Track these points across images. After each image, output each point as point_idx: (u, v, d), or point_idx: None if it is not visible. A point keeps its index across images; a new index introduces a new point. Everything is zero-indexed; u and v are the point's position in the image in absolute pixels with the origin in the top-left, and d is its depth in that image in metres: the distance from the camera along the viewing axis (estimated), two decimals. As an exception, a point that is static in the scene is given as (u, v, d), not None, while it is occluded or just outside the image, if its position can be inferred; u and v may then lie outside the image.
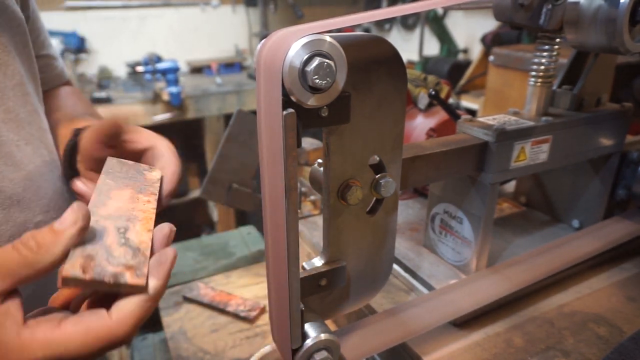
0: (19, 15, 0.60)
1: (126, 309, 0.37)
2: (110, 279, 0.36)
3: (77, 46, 2.98)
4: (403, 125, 0.48)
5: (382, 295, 0.69)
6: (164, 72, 2.62)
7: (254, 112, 0.49)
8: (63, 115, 0.72)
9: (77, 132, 0.58)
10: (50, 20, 2.93)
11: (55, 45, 2.76)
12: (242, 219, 2.88)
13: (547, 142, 0.66)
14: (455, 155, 0.60)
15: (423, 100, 0.90)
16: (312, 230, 0.88)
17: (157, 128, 0.41)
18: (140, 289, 0.37)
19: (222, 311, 0.90)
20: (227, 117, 2.90)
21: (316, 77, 0.37)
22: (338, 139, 0.45)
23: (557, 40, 0.65)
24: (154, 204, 0.47)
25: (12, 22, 0.57)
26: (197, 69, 3.39)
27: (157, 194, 0.49)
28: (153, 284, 0.38)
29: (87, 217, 0.37)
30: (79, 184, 0.56)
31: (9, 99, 0.54)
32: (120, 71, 3.15)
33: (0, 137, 0.54)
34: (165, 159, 0.57)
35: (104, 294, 0.40)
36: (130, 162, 0.53)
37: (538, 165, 0.67)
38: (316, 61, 0.37)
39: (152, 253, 0.41)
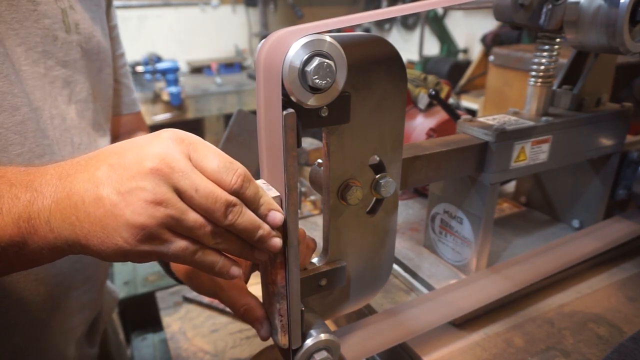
0: (103, 46, 0.70)
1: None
2: None
3: (77, 46, 2.97)
4: (403, 125, 0.48)
5: (382, 295, 0.69)
6: (164, 72, 2.62)
7: (254, 112, 0.49)
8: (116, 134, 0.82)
9: None
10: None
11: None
12: (242, 219, 2.88)
13: (547, 142, 0.66)
14: (455, 155, 0.60)
15: (423, 100, 0.90)
16: (312, 230, 0.88)
17: (157, 128, 0.40)
18: None
19: (222, 311, 0.90)
20: (227, 117, 2.90)
21: (316, 77, 0.37)
22: (338, 139, 0.45)
23: (557, 40, 0.65)
24: None
25: (94, 49, 0.67)
26: (197, 69, 3.39)
27: None
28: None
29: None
30: None
31: (72, 109, 0.64)
32: (120, 71, 3.15)
33: (66, 139, 0.62)
34: None
35: None
36: None
37: (538, 165, 0.67)
38: (316, 61, 0.37)
39: None
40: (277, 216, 0.40)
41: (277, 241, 0.41)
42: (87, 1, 0.67)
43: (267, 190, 0.42)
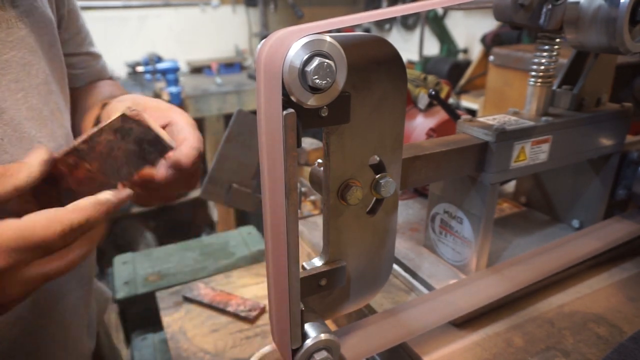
0: (49, 17, 0.62)
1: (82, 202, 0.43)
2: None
3: (77, 46, 2.97)
4: (403, 125, 0.48)
5: (382, 295, 0.69)
6: (164, 72, 2.62)
7: (254, 112, 0.49)
8: (96, 100, 0.74)
9: (103, 106, 0.60)
10: (50, 20, 2.92)
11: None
12: (242, 219, 2.88)
13: (547, 142, 0.66)
14: (455, 155, 0.60)
15: (423, 100, 0.90)
16: (312, 230, 0.88)
17: (157, 128, 0.41)
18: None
19: (222, 311, 0.90)
20: (227, 117, 2.90)
21: (316, 77, 0.37)
22: (338, 139, 0.45)
23: (557, 40, 0.65)
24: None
25: (40, 22, 0.59)
26: (197, 69, 3.39)
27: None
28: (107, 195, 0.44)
29: (50, 154, 0.45)
30: None
31: (32, 97, 0.57)
32: (120, 71, 3.15)
33: (23, 134, 0.55)
34: (185, 132, 0.56)
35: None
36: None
37: (538, 165, 0.67)
38: (316, 61, 0.37)
39: None
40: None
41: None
42: None
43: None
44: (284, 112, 0.38)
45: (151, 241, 3.05)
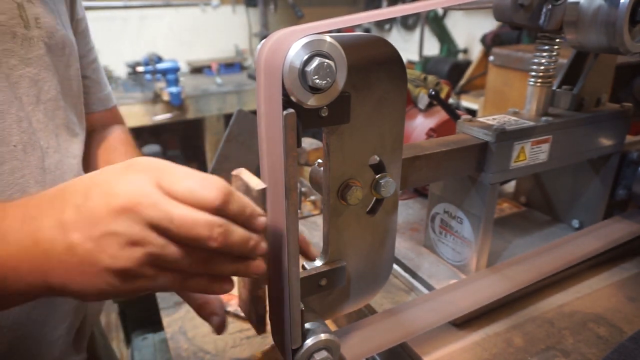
0: (69, 40, 0.66)
1: None
2: None
3: (77, 46, 2.97)
4: (403, 125, 0.48)
5: (382, 295, 0.69)
6: (164, 72, 2.62)
7: (254, 112, 0.49)
8: (107, 160, 0.78)
9: None
10: (51, 20, 2.91)
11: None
12: (242, 219, 2.88)
13: (547, 142, 0.66)
14: (455, 155, 0.60)
15: (423, 100, 0.90)
16: (312, 230, 0.88)
17: (158, 128, 0.40)
18: None
19: (222, 311, 0.89)
20: (227, 117, 2.90)
21: (316, 77, 0.37)
22: (338, 139, 0.45)
23: (557, 40, 0.65)
24: None
25: (59, 44, 0.63)
26: (197, 69, 3.39)
27: None
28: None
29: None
30: None
31: (39, 111, 0.60)
32: (120, 71, 3.15)
33: (35, 144, 0.59)
34: None
35: None
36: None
37: (538, 165, 0.67)
38: (316, 61, 0.37)
39: None
40: (262, 220, 0.38)
41: (263, 245, 0.38)
42: None
43: (250, 181, 0.40)
44: (284, 112, 0.38)
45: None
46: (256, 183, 0.40)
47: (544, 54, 0.66)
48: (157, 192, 0.34)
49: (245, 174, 0.42)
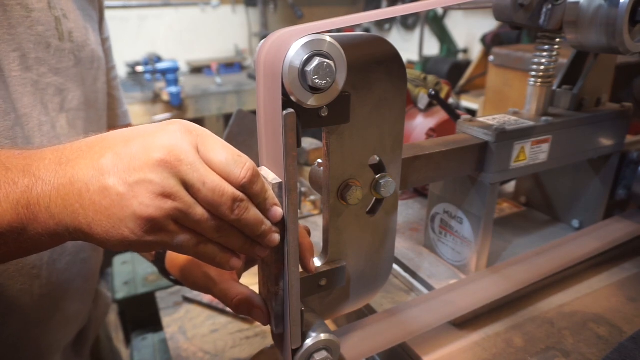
0: (98, 55, 0.69)
1: None
2: None
3: (77, 46, 2.97)
4: (403, 125, 0.48)
5: (382, 295, 0.69)
6: (164, 72, 2.62)
7: (254, 112, 0.49)
8: None
9: None
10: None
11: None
12: (242, 219, 2.88)
13: (547, 142, 0.66)
14: (455, 155, 0.60)
15: (423, 100, 0.90)
16: (312, 230, 0.88)
17: (157, 128, 0.40)
18: None
19: (222, 311, 0.89)
20: (227, 117, 2.90)
21: (316, 77, 0.37)
22: (338, 138, 0.45)
23: (557, 40, 0.65)
24: None
25: (89, 58, 0.67)
26: (197, 69, 3.39)
27: None
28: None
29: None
30: None
31: (62, 118, 0.63)
32: (120, 71, 3.14)
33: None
34: None
35: None
36: None
37: (538, 165, 0.67)
38: (316, 61, 0.37)
39: None
40: (279, 212, 0.41)
41: (277, 237, 0.41)
42: (80, 11, 0.67)
43: (267, 176, 0.42)
44: (284, 112, 0.38)
45: (151, 241, 3.04)
46: (273, 177, 0.42)
47: (544, 53, 0.66)
48: (195, 154, 0.36)
49: (264, 170, 0.44)
